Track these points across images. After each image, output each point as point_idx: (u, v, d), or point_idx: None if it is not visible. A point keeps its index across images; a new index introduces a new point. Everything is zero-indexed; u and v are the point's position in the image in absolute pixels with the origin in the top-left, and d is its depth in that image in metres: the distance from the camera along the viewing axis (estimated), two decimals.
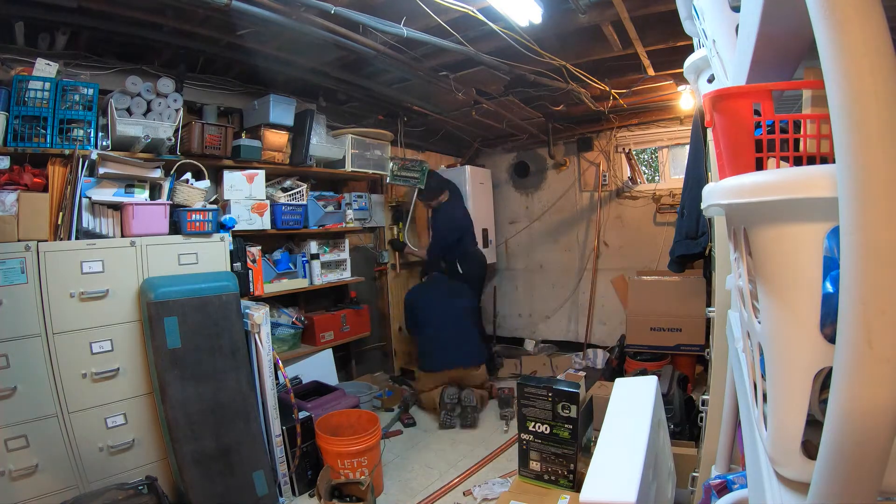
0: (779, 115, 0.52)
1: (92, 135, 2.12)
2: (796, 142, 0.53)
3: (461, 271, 3.86)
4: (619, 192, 4.30)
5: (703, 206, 0.67)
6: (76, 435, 1.90)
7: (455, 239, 3.84)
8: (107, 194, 2.13)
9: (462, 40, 2.28)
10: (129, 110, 2.21)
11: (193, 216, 2.30)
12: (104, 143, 2.20)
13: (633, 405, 1.28)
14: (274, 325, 2.91)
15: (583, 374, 2.71)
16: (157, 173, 2.28)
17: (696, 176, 2.26)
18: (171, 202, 2.30)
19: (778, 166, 0.52)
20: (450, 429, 3.11)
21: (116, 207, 2.15)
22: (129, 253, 2.09)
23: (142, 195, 2.24)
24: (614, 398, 1.34)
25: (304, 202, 3.06)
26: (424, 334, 3.41)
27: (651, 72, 2.87)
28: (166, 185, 2.33)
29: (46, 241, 1.90)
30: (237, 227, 2.60)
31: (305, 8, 1.97)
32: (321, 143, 3.08)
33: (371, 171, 3.44)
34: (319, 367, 3.19)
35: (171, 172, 2.36)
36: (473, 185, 4.41)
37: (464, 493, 2.36)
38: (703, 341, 3.12)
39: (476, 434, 3.03)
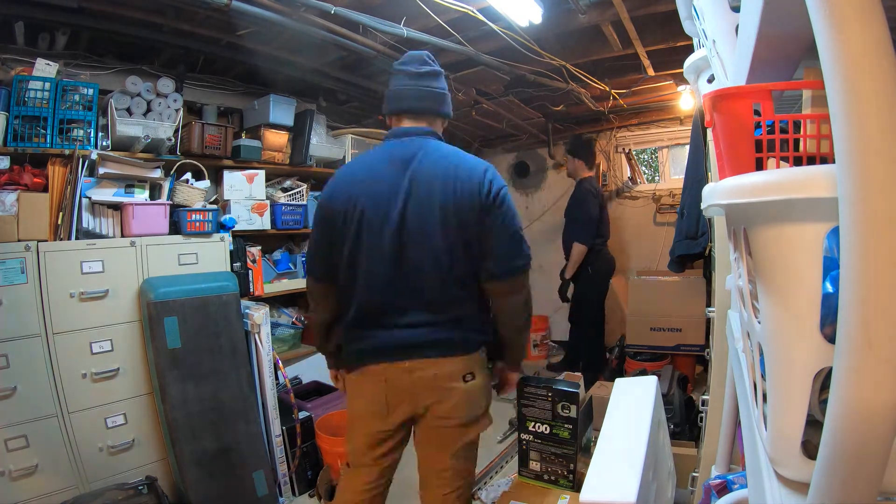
0: (779, 115, 0.52)
1: (92, 135, 2.12)
2: (796, 142, 0.53)
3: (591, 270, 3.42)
4: (619, 192, 4.30)
5: (703, 206, 0.68)
6: (76, 435, 1.90)
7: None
8: (107, 194, 2.13)
9: (462, 40, 2.28)
10: (129, 110, 2.21)
11: (193, 216, 2.30)
12: (104, 143, 2.20)
13: (633, 405, 1.28)
14: (274, 325, 2.90)
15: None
16: (157, 173, 2.28)
17: (696, 176, 2.25)
18: (171, 202, 2.30)
19: (778, 166, 0.52)
20: None
21: (116, 207, 2.15)
22: (129, 253, 2.09)
23: (142, 195, 2.24)
24: (614, 398, 1.34)
25: (304, 202, 3.05)
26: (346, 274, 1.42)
27: (651, 72, 2.87)
28: (166, 185, 2.33)
29: (46, 241, 1.90)
30: (237, 227, 2.60)
31: (305, 8, 1.97)
32: (321, 143, 3.08)
33: None
34: (319, 367, 3.18)
35: (171, 172, 2.36)
36: None
37: None
38: (703, 341, 3.11)
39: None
